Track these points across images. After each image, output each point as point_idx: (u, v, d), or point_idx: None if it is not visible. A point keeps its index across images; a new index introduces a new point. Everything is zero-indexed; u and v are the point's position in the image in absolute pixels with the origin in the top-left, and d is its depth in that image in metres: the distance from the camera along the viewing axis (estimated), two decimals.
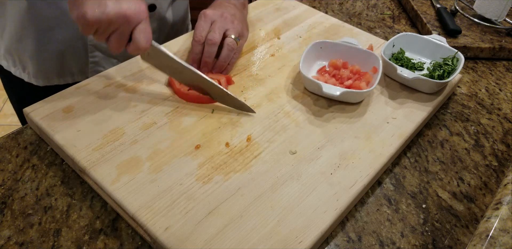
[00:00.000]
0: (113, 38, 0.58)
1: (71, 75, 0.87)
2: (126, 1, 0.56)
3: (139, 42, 0.59)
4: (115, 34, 0.58)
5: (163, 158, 0.59)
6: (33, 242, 0.53)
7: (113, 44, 0.59)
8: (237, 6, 0.80)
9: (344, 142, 0.64)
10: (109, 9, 0.55)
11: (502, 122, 0.77)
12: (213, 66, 0.73)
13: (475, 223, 0.60)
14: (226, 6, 0.78)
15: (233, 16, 0.75)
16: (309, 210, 0.55)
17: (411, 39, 0.81)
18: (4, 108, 2.20)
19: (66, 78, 0.87)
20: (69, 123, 0.63)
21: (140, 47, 0.59)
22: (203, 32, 0.71)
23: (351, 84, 0.71)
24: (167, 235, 0.51)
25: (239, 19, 0.76)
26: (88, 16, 0.54)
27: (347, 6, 1.09)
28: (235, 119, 0.66)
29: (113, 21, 0.56)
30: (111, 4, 0.55)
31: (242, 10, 0.81)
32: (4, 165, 0.62)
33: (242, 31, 0.75)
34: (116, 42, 0.59)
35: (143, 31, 0.59)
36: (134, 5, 0.57)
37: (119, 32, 0.58)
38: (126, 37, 0.59)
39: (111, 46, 0.60)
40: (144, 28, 0.59)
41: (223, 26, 0.72)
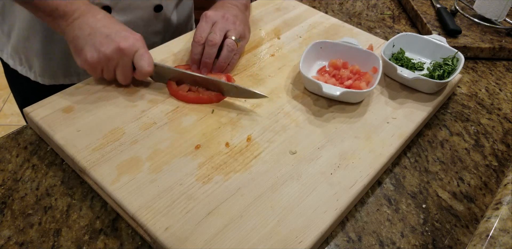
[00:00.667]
0: (118, 72, 0.65)
1: (77, 75, 0.87)
2: (118, 36, 0.63)
3: (142, 68, 0.64)
4: (118, 68, 0.64)
5: (163, 158, 0.59)
6: (33, 242, 0.53)
7: (121, 77, 0.66)
8: (240, 7, 0.80)
9: (344, 142, 0.64)
10: (104, 48, 0.62)
11: (502, 122, 0.77)
12: (213, 67, 0.73)
13: (475, 223, 0.60)
14: (228, 7, 0.78)
15: (235, 17, 0.75)
16: (309, 210, 0.55)
17: (411, 39, 0.81)
18: (4, 108, 2.20)
19: (72, 78, 0.87)
20: (69, 123, 0.63)
21: (144, 72, 0.65)
22: (204, 33, 0.72)
23: (351, 84, 0.71)
24: (167, 235, 0.51)
25: (241, 20, 0.76)
26: (89, 59, 0.62)
27: (347, 6, 1.09)
28: (235, 119, 0.66)
29: (111, 57, 0.62)
30: (105, 43, 0.62)
31: (244, 11, 0.81)
32: (4, 165, 0.62)
33: (243, 32, 0.75)
34: (123, 75, 0.65)
35: (142, 58, 0.64)
36: (127, 37, 0.63)
37: (121, 65, 0.64)
38: (130, 67, 0.65)
39: (119, 79, 0.66)
40: (142, 54, 0.64)
41: (224, 27, 0.72)
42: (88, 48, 0.62)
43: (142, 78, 0.67)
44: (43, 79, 0.87)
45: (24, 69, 0.87)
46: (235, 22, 0.74)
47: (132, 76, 0.67)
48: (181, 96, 0.68)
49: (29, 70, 0.87)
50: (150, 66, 0.65)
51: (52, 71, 0.85)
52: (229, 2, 0.79)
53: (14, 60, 0.87)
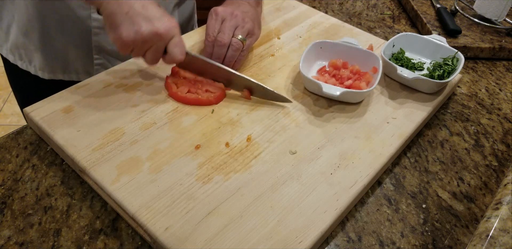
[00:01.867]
0: (149, 54, 0.63)
1: (76, 73, 0.88)
2: (158, 20, 0.61)
3: (175, 55, 0.64)
4: (150, 51, 0.63)
5: (163, 158, 0.59)
6: (33, 242, 0.53)
7: (149, 59, 0.64)
8: (251, 3, 0.79)
9: (344, 142, 0.64)
10: (143, 29, 0.60)
11: (502, 122, 0.77)
12: None
13: (475, 223, 0.60)
14: (239, 3, 0.77)
15: (245, 13, 0.75)
16: (309, 210, 0.55)
17: (411, 39, 0.81)
18: (4, 108, 2.20)
19: (71, 75, 0.88)
20: (69, 123, 0.63)
21: (176, 59, 0.64)
22: (215, 31, 0.72)
23: (351, 84, 0.71)
24: (167, 235, 0.51)
25: (251, 17, 0.76)
26: (124, 37, 0.60)
27: (347, 6, 1.09)
28: (235, 119, 0.66)
29: (148, 39, 0.61)
30: (144, 24, 0.60)
31: (255, 7, 0.80)
32: (4, 165, 0.62)
33: (252, 29, 0.75)
34: (152, 57, 0.64)
35: (177, 45, 0.63)
36: (166, 22, 0.62)
37: (154, 49, 0.63)
38: (161, 52, 0.64)
39: (147, 60, 0.65)
40: (177, 41, 0.63)
41: (232, 25, 0.72)
42: (125, 27, 0.60)
43: (170, 63, 0.66)
44: (43, 74, 0.87)
45: (24, 64, 0.87)
46: (244, 18, 0.74)
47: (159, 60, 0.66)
48: (180, 98, 0.68)
49: (29, 65, 0.87)
50: (182, 54, 0.64)
51: (51, 66, 0.86)
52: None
53: (14, 55, 0.87)
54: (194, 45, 0.80)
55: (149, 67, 0.72)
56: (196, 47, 0.80)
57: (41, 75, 0.87)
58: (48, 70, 0.86)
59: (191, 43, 0.81)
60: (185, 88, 0.69)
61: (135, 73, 0.72)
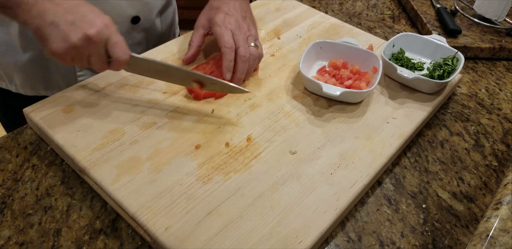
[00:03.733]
0: (93, 60, 0.58)
1: (58, 88, 0.84)
2: (84, 22, 0.55)
3: (118, 57, 0.58)
4: (92, 57, 0.58)
5: (163, 158, 0.59)
6: (33, 242, 0.53)
7: (96, 66, 0.59)
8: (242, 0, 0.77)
9: (344, 142, 0.64)
10: (71, 36, 0.54)
11: (502, 122, 0.77)
12: None
13: (475, 223, 0.60)
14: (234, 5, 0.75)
15: (245, 19, 0.74)
16: (309, 210, 0.55)
17: (411, 39, 0.81)
18: None
19: (54, 90, 0.84)
20: (69, 123, 0.63)
21: (121, 60, 0.58)
22: (231, 39, 0.70)
23: (351, 84, 0.71)
24: (167, 235, 0.51)
25: (251, 21, 0.76)
26: (55, 50, 0.55)
27: (347, 6, 1.09)
28: (235, 119, 0.66)
29: (79, 46, 0.55)
30: (70, 31, 0.54)
31: (247, 3, 0.80)
32: (4, 165, 0.62)
33: (256, 34, 0.75)
34: (97, 63, 0.59)
35: (116, 45, 0.58)
36: (94, 22, 0.56)
37: (94, 55, 0.57)
38: (103, 55, 0.58)
39: (95, 68, 0.60)
40: (115, 42, 0.58)
41: (244, 37, 0.72)
42: (52, 39, 0.55)
43: (118, 68, 0.60)
44: (25, 91, 0.84)
45: (4, 83, 0.84)
46: (249, 27, 0.74)
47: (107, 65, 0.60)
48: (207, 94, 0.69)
49: (9, 84, 0.84)
50: (126, 54, 0.59)
51: (32, 84, 0.83)
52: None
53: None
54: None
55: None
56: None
57: (23, 93, 0.84)
58: (30, 88, 0.83)
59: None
60: None
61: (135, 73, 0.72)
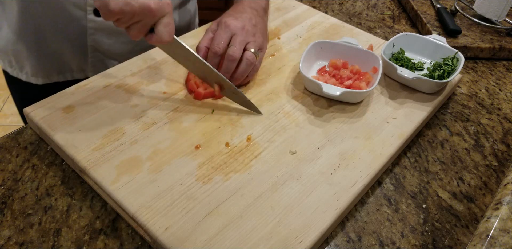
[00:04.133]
0: (134, 27, 0.58)
1: (70, 72, 0.87)
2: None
3: (162, 36, 0.59)
4: (137, 25, 0.58)
5: (163, 158, 0.59)
6: (33, 242, 0.53)
7: (133, 33, 0.59)
8: (259, 12, 0.77)
9: (344, 142, 0.64)
10: (134, 1, 0.54)
11: (502, 122, 0.77)
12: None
13: (475, 223, 0.60)
14: (248, 12, 0.75)
15: (255, 27, 0.73)
16: (309, 210, 0.55)
17: (411, 39, 0.81)
18: (4, 108, 2.20)
19: (66, 74, 0.87)
20: (69, 123, 0.63)
21: (163, 40, 0.59)
22: (221, 43, 0.69)
23: (351, 84, 0.71)
24: (167, 235, 0.51)
25: (261, 31, 0.74)
26: (111, 6, 0.54)
27: (347, 6, 1.09)
28: (235, 119, 0.66)
29: (137, 13, 0.55)
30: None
31: (263, 16, 0.78)
32: (4, 165, 0.62)
33: (262, 44, 0.73)
34: (137, 32, 0.59)
35: (167, 25, 0.58)
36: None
37: (141, 24, 0.57)
38: (148, 28, 0.59)
39: (130, 34, 0.59)
40: (167, 22, 0.58)
41: (244, 40, 0.70)
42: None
43: (155, 43, 0.61)
44: (36, 79, 0.86)
45: (14, 71, 0.86)
46: (255, 34, 0.72)
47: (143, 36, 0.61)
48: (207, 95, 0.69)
49: (20, 72, 0.85)
50: (171, 36, 0.60)
51: (44, 70, 0.84)
52: (249, 6, 0.77)
53: (4, 62, 0.86)
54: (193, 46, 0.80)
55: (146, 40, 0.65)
56: None
57: (34, 82, 0.86)
58: (42, 75, 0.85)
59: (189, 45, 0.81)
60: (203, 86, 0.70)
61: (135, 73, 0.72)
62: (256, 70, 0.73)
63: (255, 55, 0.70)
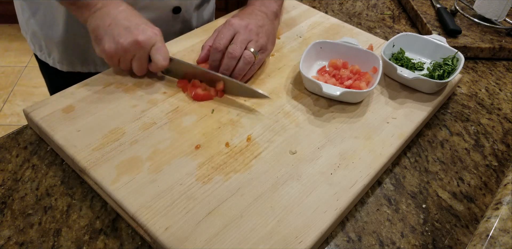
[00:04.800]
0: (134, 63, 0.67)
1: (94, 64, 0.90)
2: (138, 29, 0.64)
3: (158, 61, 0.66)
4: (135, 60, 0.66)
5: (163, 158, 0.59)
6: (33, 242, 0.53)
7: (136, 68, 0.67)
8: (269, 15, 0.78)
9: (344, 142, 0.64)
10: (122, 40, 0.63)
11: (502, 122, 0.77)
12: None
13: (475, 223, 0.60)
14: (256, 15, 0.76)
15: (260, 28, 0.73)
16: (309, 210, 0.55)
17: (411, 39, 0.81)
18: (4, 108, 2.20)
19: (89, 66, 0.90)
20: (69, 123, 0.63)
21: (159, 65, 0.66)
22: (223, 40, 0.70)
23: (351, 84, 0.71)
24: (167, 235, 0.51)
25: (266, 32, 0.74)
26: (107, 49, 0.64)
27: (347, 6, 1.09)
28: (235, 119, 0.66)
29: (129, 49, 0.64)
30: (123, 35, 0.63)
31: (273, 20, 0.79)
32: (4, 165, 0.62)
33: (265, 44, 0.73)
34: (138, 66, 0.67)
35: (159, 51, 0.66)
36: (146, 30, 0.64)
37: (137, 57, 0.66)
38: (146, 59, 0.67)
39: (135, 70, 0.68)
40: (159, 47, 0.66)
41: (246, 38, 0.71)
42: (107, 39, 0.64)
43: (156, 71, 0.69)
44: (62, 66, 0.90)
45: (43, 55, 0.90)
46: (258, 33, 0.72)
47: (147, 68, 0.69)
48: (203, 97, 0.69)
49: (48, 57, 0.90)
50: (165, 60, 0.66)
51: (70, 59, 0.88)
52: (259, 9, 0.77)
53: (34, 46, 0.90)
54: (194, 45, 0.80)
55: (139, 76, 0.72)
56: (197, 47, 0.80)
57: (59, 68, 0.90)
58: (67, 63, 0.89)
59: (192, 43, 0.81)
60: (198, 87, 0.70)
61: (135, 73, 0.72)
62: (254, 70, 0.73)
63: (254, 55, 0.70)
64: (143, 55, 0.66)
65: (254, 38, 0.72)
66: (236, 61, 0.70)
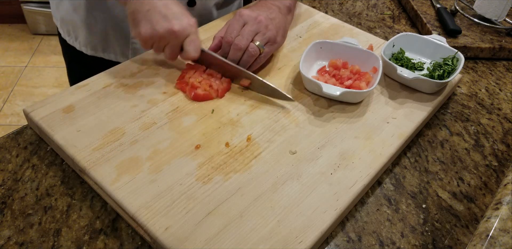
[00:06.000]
0: (167, 50, 0.68)
1: (114, 53, 0.92)
2: (175, 18, 0.65)
3: (189, 53, 0.68)
4: (168, 47, 0.67)
5: (163, 158, 0.59)
6: (33, 242, 0.53)
7: (167, 55, 0.69)
8: (282, 9, 0.77)
9: (344, 142, 0.64)
10: (159, 27, 0.64)
11: (502, 122, 0.77)
12: None
13: (475, 223, 0.60)
14: (268, 7, 0.76)
15: (270, 20, 0.73)
16: (309, 210, 0.55)
17: (411, 39, 0.81)
18: (4, 108, 2.20)
19: (110, 55, 0.93)
20: (69, 123, 0.63)
21: (190, 57, 0.68)
22: (233, 33, 0.71)
23: (351, 84, 0.71)
24: (167, 235, 0.51)
25: (276, 25, 0.74)
26: (142, 34, 0.65)
27: (347, 6, 1.09)
28: (235, 119, 0.66)
29: (163, 37, 0.65)
30: (161, 22, 0.64)
31: (286, 14, 0.79)
32: (4, 165, 0.62)
33: (273, 37, 0.73)
34: (170, 53, 0.68)
35: (192, 43, 0.67)
36: (182, 21, 0.66)
37: (170, 45, 0.67)
38: (178, 48, 0.68)
39: (166, 56, 0.69)
40: (193, 39, 0.67)
41: (253, 30, 0.71)
42: (143, 24, 0.65)
43: (186, 60, 0.71)
44: (86, 50, 0.93)
45: (71, 39, 0.94)
46: (268, 25, 0.72)
47: (178, 56, 0.70)
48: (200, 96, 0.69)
49: (75, 41, 0.93)
50: (197, 52, 0.68)
51: (93, 43, 0.91)
52: (272, 3, 0.78)
53: (63, 31, 0.94)
54: None
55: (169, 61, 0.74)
56: None
57: (84, 51, 0.93)
58: (91, 47, 0.92)
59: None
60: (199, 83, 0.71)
61: (135, 73, 0.72)
62: (260, 62, 0.73)
63: (259, 48, 0.71)
64: (176, 44, 0.67)
65: (262, 31, 0.71)
66: (242, 52, 0.70)
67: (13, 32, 2.69)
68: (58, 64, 2.45)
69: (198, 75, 0.71)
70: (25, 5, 2.48)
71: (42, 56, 2.52)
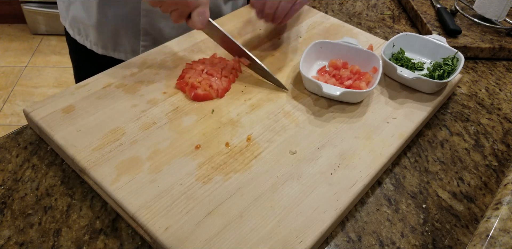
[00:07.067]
0: (174, 14, 0.68)
1: (124, 52, 0.93)
2: None
3: (195, 23, 0.69)
4: (176, 12, 0.68)
5: (163, 158, 0.59)
6: (33, 242, 0.53)
7: (174, 18, 0.69)
8: None
9: (344, 142, 0.64)
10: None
11: (502, 122, 0.77)
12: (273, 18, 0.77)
13: (475, 223, 0.60)
14: None
15: None
16: (309, 210, 0.55)
17: (411, 39, 0.81)
18: (4, 108, 2.20)
19: (120, 54, 0.94)
20: (69, 123, 0.63)
21: (195, 27, 0.69)
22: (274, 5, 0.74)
23: (351, 84, 0.71)
24: (167, 235, 0.51)
25: None
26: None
27: (347, 6, 1.09)
28: (235, 119, 0.66)
29: (175, 2, 0.66)
30: None
31: None
32: (4, 165, 0.62)
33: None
34: (176, 18, 0.69)
35: (200, 14, 0.68)
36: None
37: (179, 11, 0.68)
38: (185, 15, 0.69)
39: (172, 18, 0.70)
40: (201, 11, 0.68)
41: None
42: None
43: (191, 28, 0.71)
44: (97, 49, 0.94)
45: (82, 38, 0.95)
46: None
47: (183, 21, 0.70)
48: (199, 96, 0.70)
49: (85, 40, 0.94)
50: (203, 24, 0.69)
51: (103, 42, 0.92)
52: None
53: (73, 30, 0.95)
54: (193, 45, 0.80)
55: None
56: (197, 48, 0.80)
57: (95, 50, 0.94)
58: (101, 46, 0.93)
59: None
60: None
61: (135, 73, 0.72)
62: (295, 10, 0.77)
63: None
64: (185, 12, 0.68)
65: None
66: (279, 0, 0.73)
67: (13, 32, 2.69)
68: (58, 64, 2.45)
69: (198, 75, 0.71)
70: (25, 5, 2.48)
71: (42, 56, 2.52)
